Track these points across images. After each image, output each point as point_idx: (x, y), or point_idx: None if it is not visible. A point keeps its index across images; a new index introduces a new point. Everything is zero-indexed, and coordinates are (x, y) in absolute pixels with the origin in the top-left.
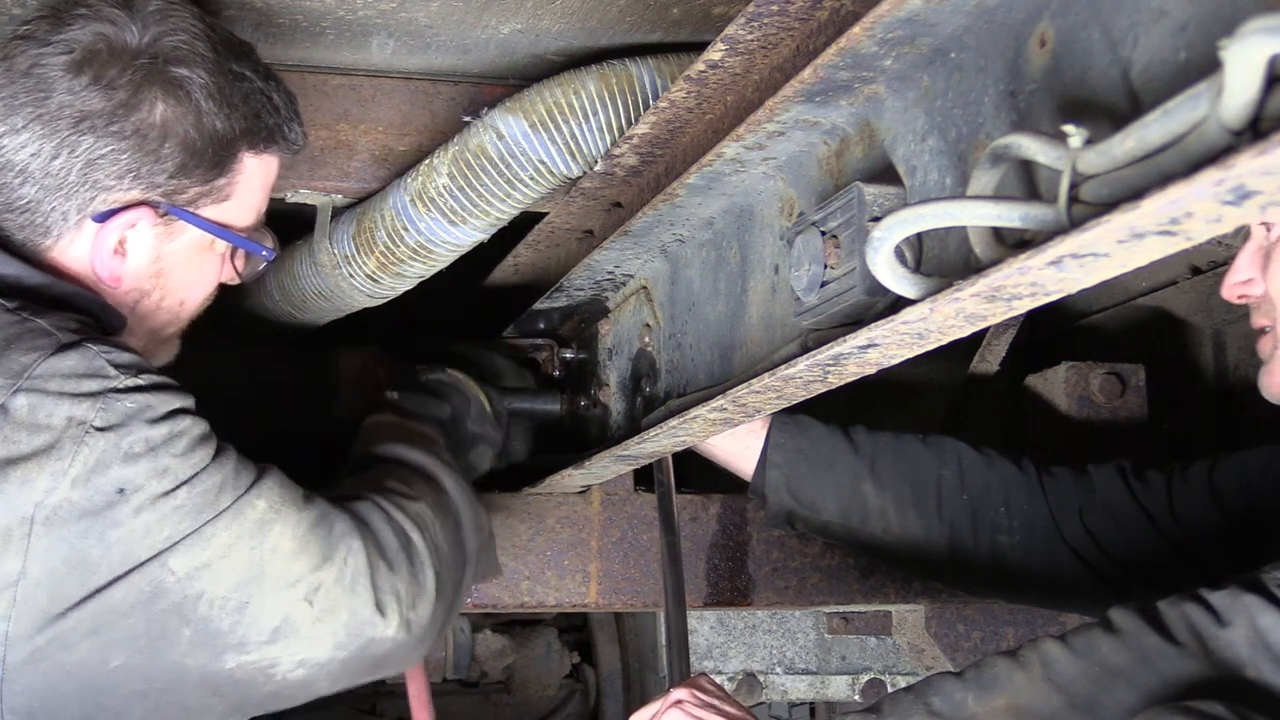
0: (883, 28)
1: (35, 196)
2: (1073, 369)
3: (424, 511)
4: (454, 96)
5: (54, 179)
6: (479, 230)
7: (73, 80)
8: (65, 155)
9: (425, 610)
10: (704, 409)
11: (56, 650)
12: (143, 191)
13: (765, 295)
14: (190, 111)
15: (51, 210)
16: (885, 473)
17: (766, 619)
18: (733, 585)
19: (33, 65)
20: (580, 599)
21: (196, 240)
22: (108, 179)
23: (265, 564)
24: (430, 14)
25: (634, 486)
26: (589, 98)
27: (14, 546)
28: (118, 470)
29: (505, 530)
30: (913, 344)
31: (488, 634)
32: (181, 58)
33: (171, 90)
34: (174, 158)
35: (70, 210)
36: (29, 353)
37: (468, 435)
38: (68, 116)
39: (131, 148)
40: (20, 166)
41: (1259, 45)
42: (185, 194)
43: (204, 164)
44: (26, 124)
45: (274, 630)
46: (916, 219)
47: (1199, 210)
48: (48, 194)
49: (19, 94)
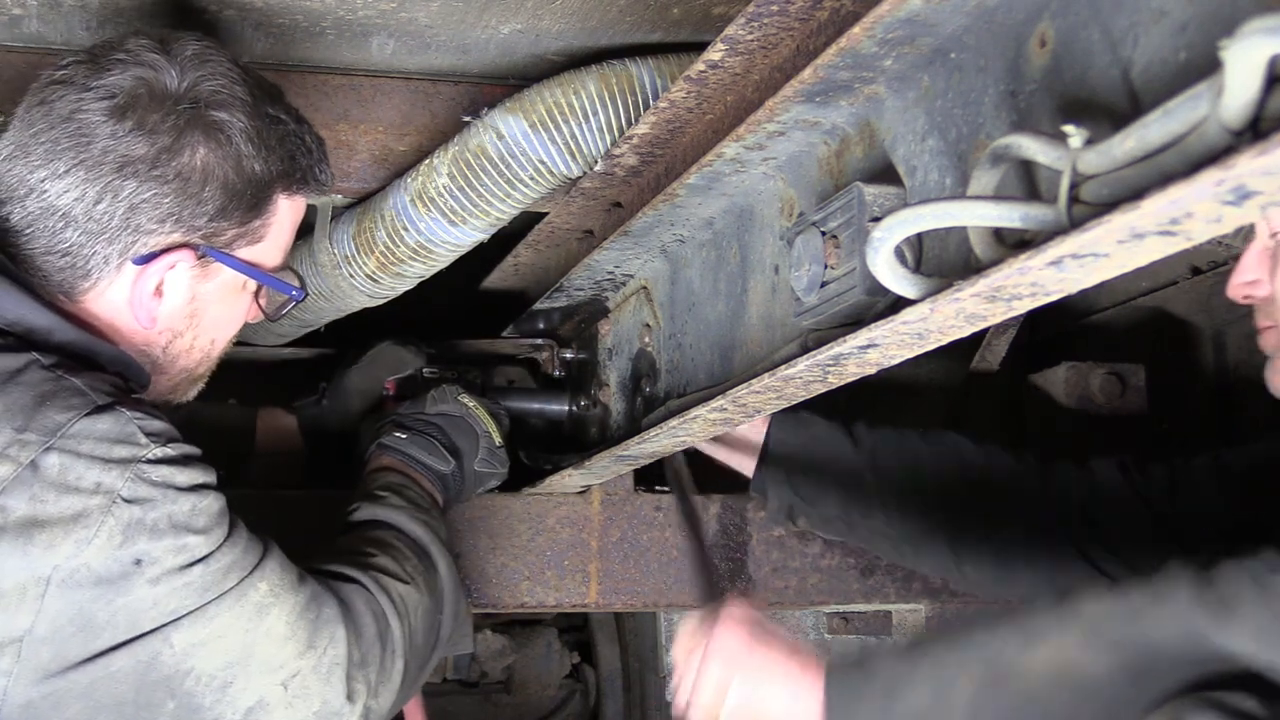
0: (883, 28)
1: (77, 241)
2: (1073, 369)
3: (409, 595)
4: (454, 96)
5: (97, 223)
6: (479, 230)
7: (115, 125)
8: (109, 200)
9: (387, 699)
10: (704, 409)
11: (50, 708)
12: (183, 235)
13: (765, 295)
14: (231, 155)
15: (93, 254)
16: (886, 467)
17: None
18: (733, 585)
19: (74, 111)
20: (580, 599)
21: (229, 281)
22: (149, 223)
23: (256, 647)
24: (430, 14)
25: (634, 486)
26: (589, 98)
27: (28, 605)
28: (139, 544)
29: (505, 530)
30: (913, 344)
31: (488, 634)
32: (221, 102)
33: (212, 134)
34: (214, 201)
35: (112, 254)
36: (64, 411)
37: (471, 478)
38: (111, 162)
39: (174, 192)
40: (63, 211)
41: (1259, 45)
42: (223, 236)
43: (242, 206)
44: (69, 169)
45: (248, 710)
46: (916, 219)
47: (1199, 210)
48: (90, 238)
49: (60, 139)
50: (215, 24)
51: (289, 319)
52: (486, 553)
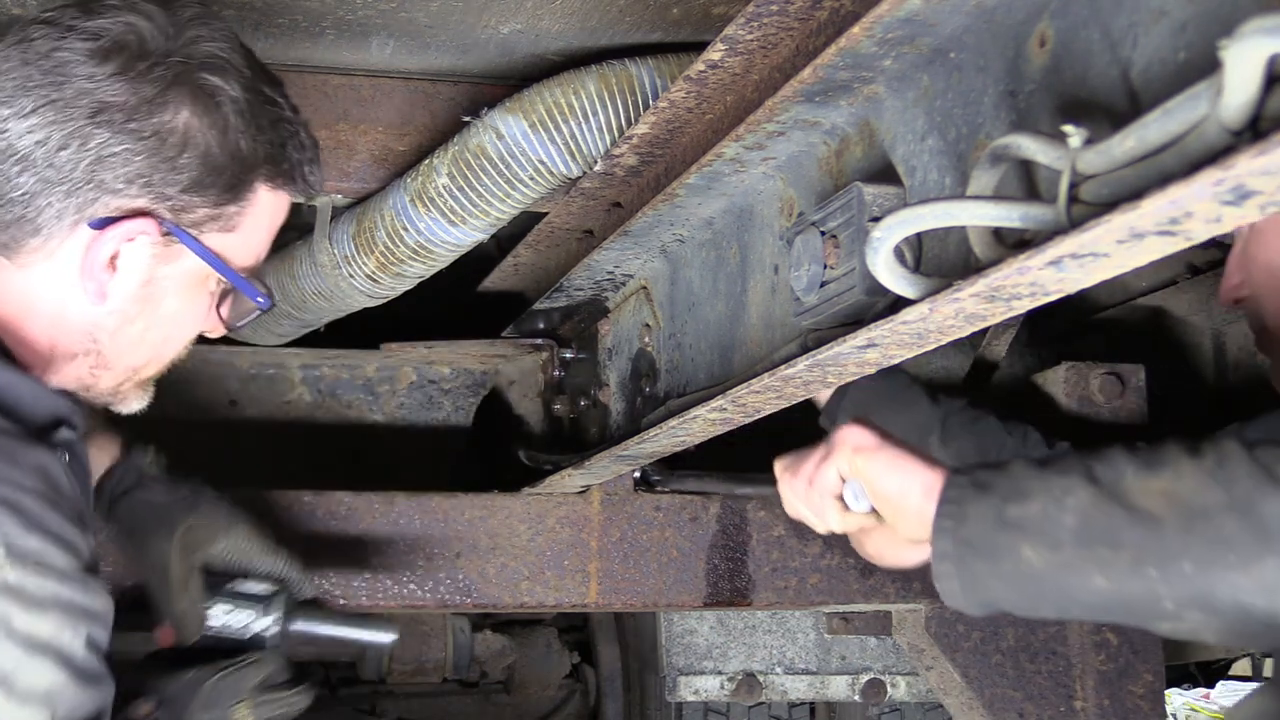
0: (882, 28)
1: (32, 188)
2: (1073, 369)
3: None
4: (454, 96)
5: (57, 171)
6: (479, 230)
7: (95, 67)
8: (75, 147)
9: None
10: (704, 409)
11: None
12: (150, 201)
13: (765, 295)
14: (217, 123)
15: (47, 206)
16: (955, 430)
17: (766, 619)
18: (733, 585)
19: (53, 49)
20: (580, 599)
21: (192, 270)
22: (116, 180)
23: None
24: (430, 14)
25: (634, 486)
26: (589, 98)
27: None
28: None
29: (505, 530)
30: (912, 344)
31: (488, 634)
32: (216, 66)
33: (201, 97)
34: (190, 170)
35: (68, 209)
36: None
37: None
38: (84, 105)
39: (148, 150)
40: (22, 153)
41: (1259, 45)
42: (193, 214)
43: (219, 184)
44: (36, 107)
45: None
46: (916, 219)
47: (1199, 210)
48: (47, 187)
49: (34, 75)
50: None
51: (288, 319)
52: (486, 553)
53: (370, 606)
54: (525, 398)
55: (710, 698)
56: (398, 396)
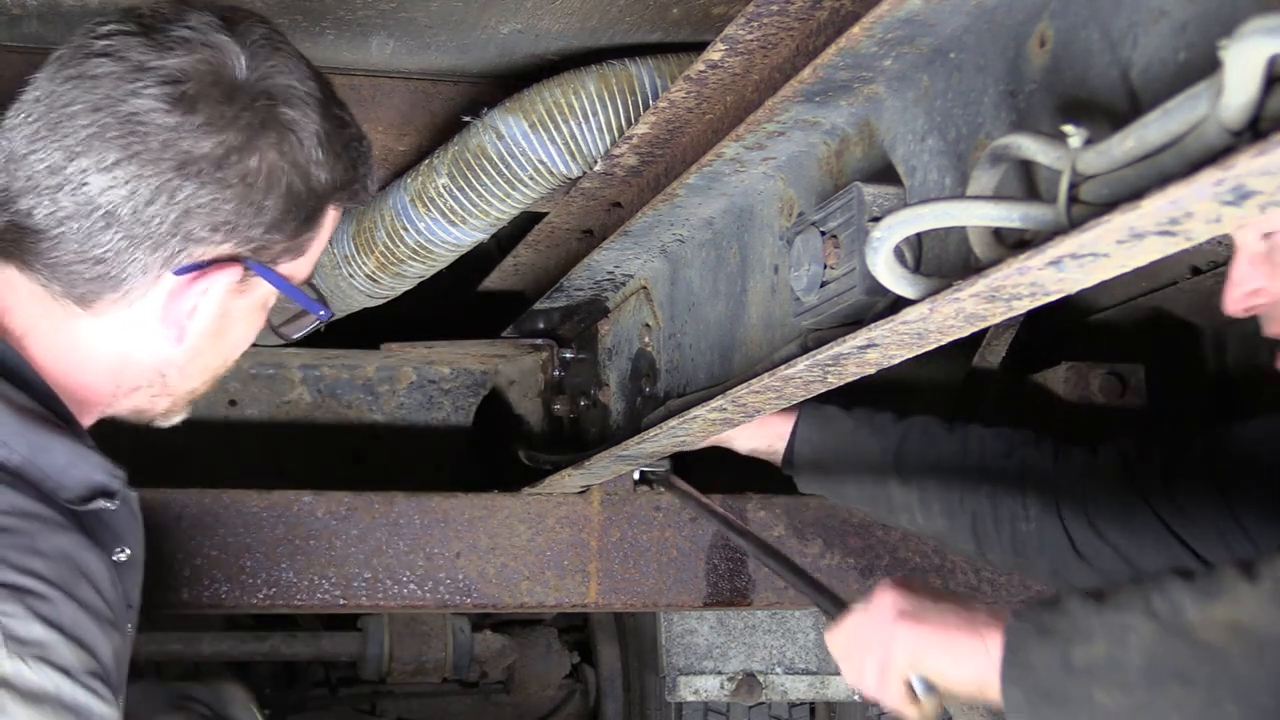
0: (882, 28)
1: (117, 246)
2: (1073, 369)
3: None
4: (454, 96)
5: (144, 227)
6: (479, 230)
7: (181, 118)
8: (163, 201)
9: None
10: (704, 409)
11: None
12: (234, 246)
13: (765, 295)
14: (300, 160)
15: (132, 261)
16: (911, 467)
17: (766, 619)
18: (733, 585)
19: (129, 94)
20: (580, 599)
21: (262, 297)
22: (201, 229)
23: None
24: (430, 14)
25: (634, 486)
26: (589, 98)
27: None
28: None
29: (505, 530)
30: (912, 344)
31: (488, 634)
32: (296, 99)
33: (285, 136)
34: (274, 210)
35: (153, 263)
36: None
37: None
38: (171, 158)
39: (235, 198)
40: (105, 209)
41: (1259, 45)
42: (271, 250)
43: (299, 218)
44: (119, 161)
45: None
46: (916, 219)
47: (1199, 210)
48: (133, 244)
49: (110, 124)
50: None
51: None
52: (486, 553)
53: (370, 606)
54: (525, 398)
55: (710, 698)
56: (398, 396)
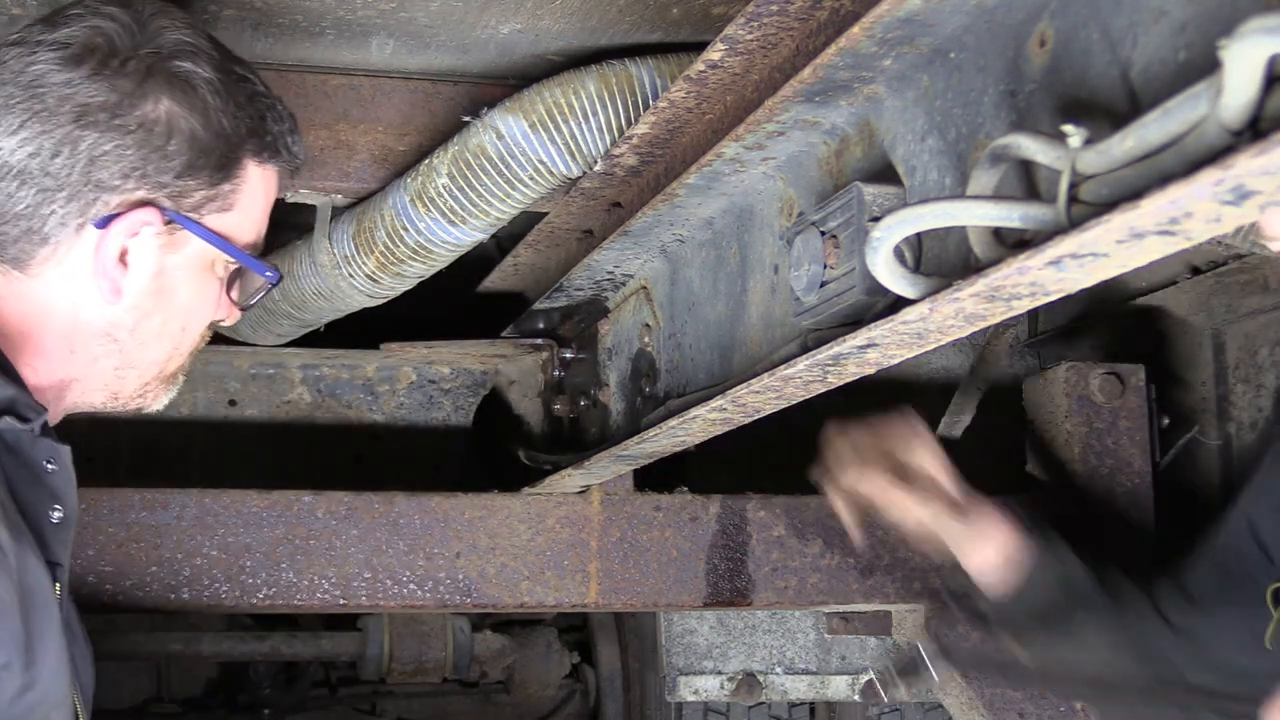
0: (882, 28)
1: (33, 200)
2: (1073, 369)
3: None
4: (454, 96)
5: (54, 179)
6: (479, 230)
7: (71, 73)
8: (67, 152)
9: None
10: (704, 409)
11: None
12: (148, 191)
13: (765, 295)
14: (196, 106)
15: (50, 214)
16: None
17: (766, 619)
18: (733, 585)
19: (28, 64)
20: (580, 599)
21: (199, 255)
22: (111, 177)
23: None
24: (430, 14)
25: (634, 486)
26: (589, 98)
27: None
28: None
29: (505, 530)
30: (912, 344)
31: (488, 634)
32: (186, 52)
33: (177, 83)
34: (180, 155)
35: (71, 213)
36: None
37: None
38: (67, 111)
39: (137, 143)
40: (17, 168)
41: (1258, 45)
42: (190, 198)
43: (210, 164)
44: (23, 122)
45: None
46: (916, 219)
47: (1198, 210)
48: (47, 196)
49: (14, 93)
50: (214, 24)
51: (288, 319)
52: (486, 553)
53: (370, 606)
54: (525, 398)
55: (710, 698)
56: (398, 396)
